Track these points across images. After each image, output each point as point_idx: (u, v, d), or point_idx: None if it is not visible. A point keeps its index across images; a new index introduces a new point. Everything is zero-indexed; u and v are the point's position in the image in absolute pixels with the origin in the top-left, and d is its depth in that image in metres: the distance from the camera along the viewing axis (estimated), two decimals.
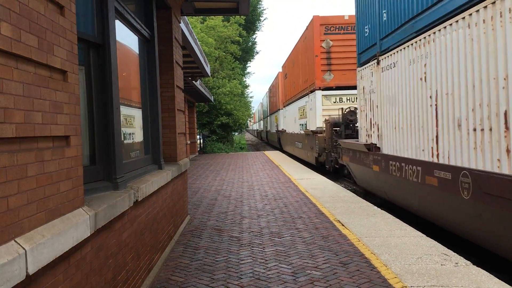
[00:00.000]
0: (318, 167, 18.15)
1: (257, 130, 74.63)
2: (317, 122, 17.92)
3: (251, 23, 44.16)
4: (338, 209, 8.29)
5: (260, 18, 46.26)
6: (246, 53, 44.71)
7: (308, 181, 12.63)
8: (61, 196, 2.62)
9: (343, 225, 7.01)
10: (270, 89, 44.99)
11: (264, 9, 47.34)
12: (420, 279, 4.49)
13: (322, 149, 16.63)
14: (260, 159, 22.42)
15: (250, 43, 46.04)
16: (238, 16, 31.69)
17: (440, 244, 5.76)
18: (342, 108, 15.35)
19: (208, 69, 17.31)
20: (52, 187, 2.51)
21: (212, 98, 27.73)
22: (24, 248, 2.08)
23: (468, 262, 4.98)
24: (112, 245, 3.51)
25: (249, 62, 47.89)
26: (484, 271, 4.68)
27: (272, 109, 41.61)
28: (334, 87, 17.94)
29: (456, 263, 4.94)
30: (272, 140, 43.01)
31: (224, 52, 31.52)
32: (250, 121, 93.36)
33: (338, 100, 18.04)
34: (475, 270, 4.71)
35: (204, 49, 25.90)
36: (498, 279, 4.45)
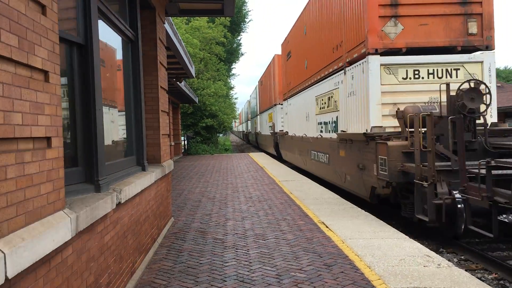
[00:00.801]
0: (374, 205, 10.36)
1: (244, 131, 66.89)
2: (373, 117, 9.65)
3: (236, 25, 44.19)
4: (323, 211, 8.31)
5: (245, 19, 46.34)
6: (231, 54, 44.70)
7: (293, 183, 12.65)
8: (41, 198, 2.58)
9: (327, 227, 7.03)
10: (260, 82, 37.52)
11: (249, 11, 47.41)
12: (403, 281, 4.52)
13: (395, 173, 8.33)
14: (244, 160, 22.40)
15: (235, 45, 46.05)
16: (223, 18, 31.65)
17: (423, 246, 5.82)
18: (447, 85, 7.95)
19: (192, 70, 17.23)
20: (32, 189, 2.47)
21: (196, 99, 27.62)
22: (3, 252, 2.03)
23: (450, 264, 5.04)
24: (94, 248, 3.46)
25: (234, 63, 47.94)
26: (466, 272, 4.74)
27: (264, 106, 34.03)
28: (404, 50, 9.76)
29: (439, 265, 4.99)
30: (264, 144, 35.11)
31: (209, 53, 31.45)
32: (235, 121, 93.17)
33: (413, 75, 9.84)
34: (457, 271, 4.76)
35: (189, 50, 25.81)
36: (479, 280, 4.51)
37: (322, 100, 14.42)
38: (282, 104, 24.89)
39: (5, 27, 2.20)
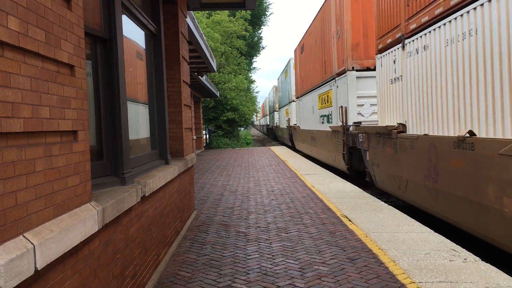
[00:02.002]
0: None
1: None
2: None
3: (257, 18, 44.04)
4: (345, 205, 8.26)
5: (266, 13, 46.13)
6: (252, 48, 44.62)
7: (315, 177, 12.59)
8: (69, 191, 2.62)
9: (350, 220, 6.98)
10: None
11: (270, 4, 47.17)
12: (429, 275, 4.46)
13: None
14: (266, 154, 22.40)
15: (256, 38, 45.96)
16: (244, 11, 31.60)
17: (448, 240, 5.72)
18: None
19: (214, 64, 17.27)
20: (60, 182, 2.50)
21: (218, 93, 27.71)
22: (32, 243, 2.07)
23: (477, 258, 4.94)
24: (119, 240, 3.51)
25: (255, 57, 47.84)
26: (493, 267, 4.65)
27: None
28: None
29: (465, 259, 4.90)
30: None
31: (230, 47, 31.49)
32: (257, 115, 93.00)
33: None
34: (484, 266, 4.67)
35: (210, 44, 25.88)
36: (507, 275, 4.41)
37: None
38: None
39: (32, 22, 2.22)
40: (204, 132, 32.88)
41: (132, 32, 4.97)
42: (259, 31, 46.70)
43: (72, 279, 2.58)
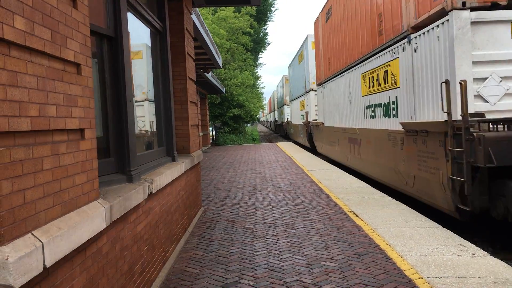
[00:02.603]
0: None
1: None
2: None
3: (262, 14, 43.90)
4: (352, 200, 8.24)
5: (271, 8, 45.97)
6: (258, 44, 44.51)
7: (322, 172, 12.58)
8: (76, 189, 2.63)
9: (357, 216, 6.97)
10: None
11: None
12: (437, 270, 4.44)
13: None
14: (272, 150, 22.39)
15: (261, 34, 45.81)
16: (250, 7, 31.53)
17: (456, 235, 5.70)
18: None
19: (219, 61, 17.27)
20: (67, 180, 2.52)
21: (224, 90, 27.71)
22: (41, 241, 2.09)
23: (485, 253, 4.92)
24: (127, 237, 3.53)
25: (260, 53, 47.69)
26: (502, 262, 4.63)
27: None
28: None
29: (473, 254, 4.88)
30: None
31: (235, 43, 31.44)
32: (263, 111, 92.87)
33: None
34: (492, 261, 4.65)
35: (216, 40, 25.86)
36: None
37: None
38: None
39: (38, 21, 2.23)
40: (210, 128, 32.91)
41: (137, 30, 4.98)
42: (265, 27, 46.55)
43: (81, 276, 2.60)
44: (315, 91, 21.74)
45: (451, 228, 6.57)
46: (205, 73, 17.83)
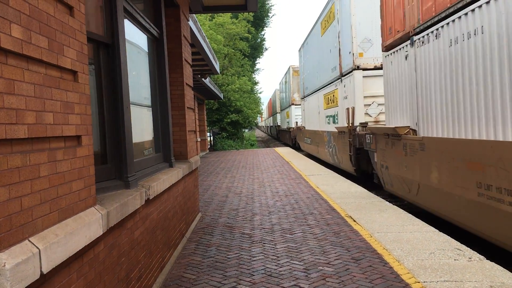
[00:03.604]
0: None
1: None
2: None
3: (260, 20, 44.09)
4: (350, 205, 8.26)
5: (269, 14, 46.18)
6: (255, 49, 44.66)
7: (319, 177, 12.60)
8: (73, 195, 2.64)
9: (354, 220, 6.99)
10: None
11: (272, 5, 47.23)
12: (433, 275, 4.46)
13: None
14: (270, 155, 22.40)
15: (258, 40, 45.98)
16: (247, 13, 31.66)
17: (453, 239, 5.72)
18: None
19: (217, 66, 17.32)
20: (64, 187, 2.53)
21: (221, 95, 27.75)
22: (38, 248, 2.10)
23: (482, 257, 4.94)
24: (124, 243, 3.54)
25: (258, 58, 47.85)
26: (498, 266, 4.64)
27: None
28: None
29: (470, 258, 4.90)
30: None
31: (233, 49, 31.54)
32: (261, 116, 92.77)
33: None
34: (488, 265, 4.67)
35: (213, 46, 25.94)
36: None
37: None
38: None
39: (35, 29, 2.26)
40: (208, 134, 32.93)
41: (134, 36, 5.01)
42: (262, 33, 46.73)
43: (78, 283, 2.61)
44: (366, 70, 13.62)
45: (448, 232, 6.59)
46: (203, 79, 17.87)
